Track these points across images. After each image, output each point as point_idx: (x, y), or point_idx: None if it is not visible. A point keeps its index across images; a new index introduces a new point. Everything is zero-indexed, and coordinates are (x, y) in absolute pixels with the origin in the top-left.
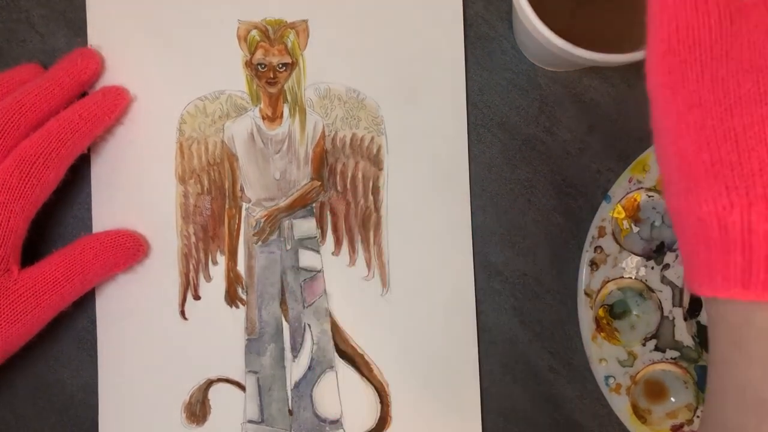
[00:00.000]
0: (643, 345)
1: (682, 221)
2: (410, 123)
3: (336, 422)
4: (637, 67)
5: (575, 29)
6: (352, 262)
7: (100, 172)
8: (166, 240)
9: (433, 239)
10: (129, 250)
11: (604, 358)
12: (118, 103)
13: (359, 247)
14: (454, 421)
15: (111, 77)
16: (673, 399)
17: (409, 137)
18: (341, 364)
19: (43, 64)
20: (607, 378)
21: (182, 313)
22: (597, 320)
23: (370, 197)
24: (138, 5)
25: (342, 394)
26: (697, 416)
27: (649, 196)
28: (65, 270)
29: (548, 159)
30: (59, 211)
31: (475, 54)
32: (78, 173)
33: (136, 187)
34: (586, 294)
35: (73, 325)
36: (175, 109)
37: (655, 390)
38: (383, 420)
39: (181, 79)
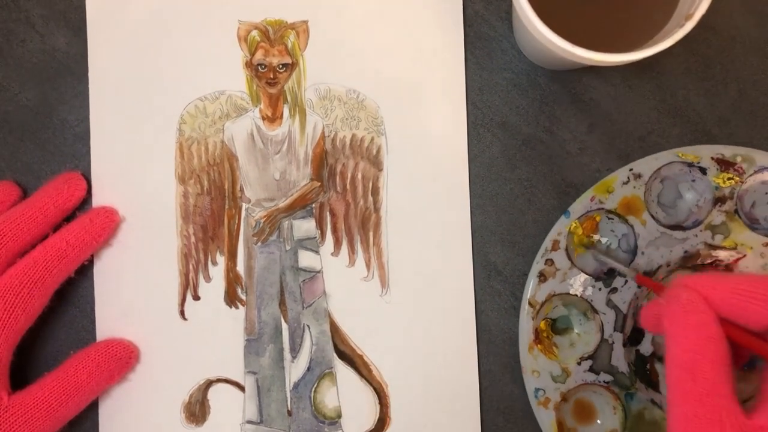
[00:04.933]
0: (579, 364)
1: None
2: (410, 123)
3: (335, 423)
4: (637, 67)
5: (575, 29)
6: (352, 262)
7: (99, 172)
8: (165, 240)
9: (433, 239)
10: (122, 360)
11: (537, 370)
12: (107, 226)
13: (359, 247)
14: (453, 422)
15: (110, 77)
16: (599, 422)
17: (409, 138)
18: (340, 365)
19: (43, 65)
20: (537, 390)
21: (182, 313)
22: (537, 332)
23: (370, 198)
24: (138, 5)
25: (341, 394)
26: None
27: (609, 218)
28: (59, 394)
29: (548, 159)
30: None
31: (474, 54)
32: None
33: (136, 187)
34: (530, 304)
35: (73, 325)
36: (175, 109)
37: (584, 411)
38: (382, 421)
39: (181, 80)
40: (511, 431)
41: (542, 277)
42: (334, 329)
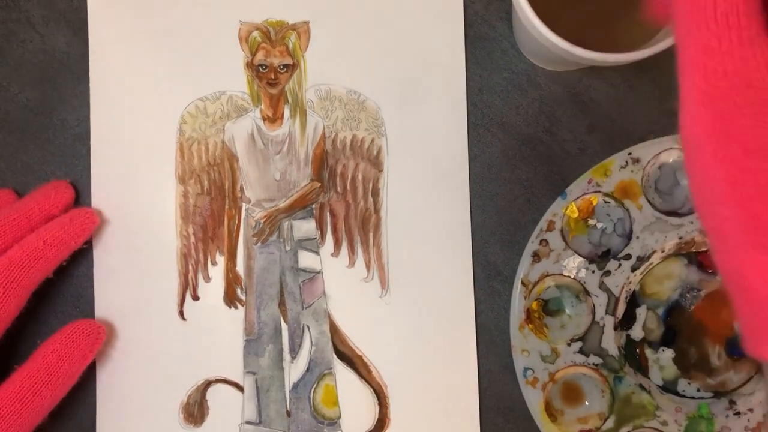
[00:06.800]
0: (569, 345)
1: (745, 280)
2: (410, 124)
3: (334, 424)
4: (637, 67)
5: (575, 29)
6: (352, 263)
7: (99, 171)
8: (165, 240)
9: (433, 240)
10: (90, 337)
11: (526, 349)
12: (87, 227)
13: (358, 248)
14: (452, 422)
15: (111, 77)
16: (587, 403)
17: (410, 138)
18: (340, 366)
19: (43, 65)
20: (525, 370)
21: (181, 313)
22: (528, 312)
23: (370, 199)
24: (139, 5)
25: (340, 395)
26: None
27: (606, 202)
28: (32, 384)
29: (548, 159)
30: None
31: (474, 54)
32: (78, 173)
33: (136, 187)
34: (523, 283)
35: None
36: (176, 109)
37: (572, 393)
38: (381, 421)
39: (182, 80)
40: (511, 431)
41: (536, 257)
42: (334, 330)
